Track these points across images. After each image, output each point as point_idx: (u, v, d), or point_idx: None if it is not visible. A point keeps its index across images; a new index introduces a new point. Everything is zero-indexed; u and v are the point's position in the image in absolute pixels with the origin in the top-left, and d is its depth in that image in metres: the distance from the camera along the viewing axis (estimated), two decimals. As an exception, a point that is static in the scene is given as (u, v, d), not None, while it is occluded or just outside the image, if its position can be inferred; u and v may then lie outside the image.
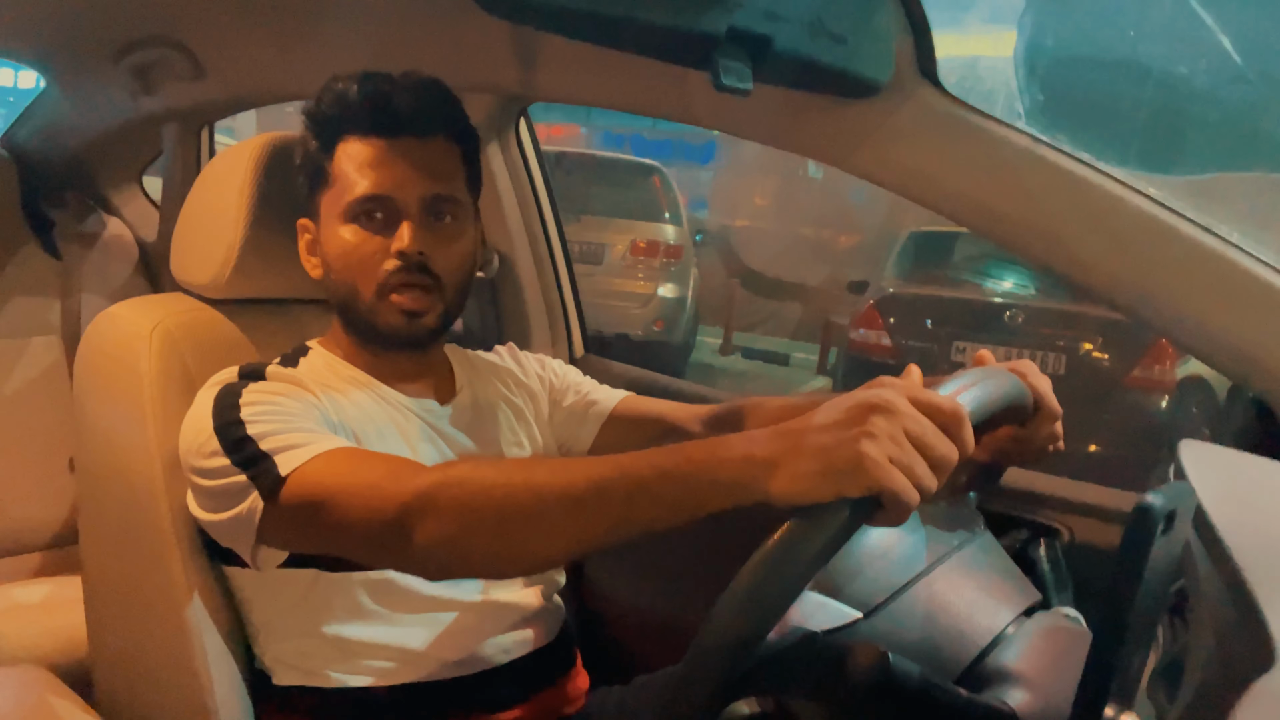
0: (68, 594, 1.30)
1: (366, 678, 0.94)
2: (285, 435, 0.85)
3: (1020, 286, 4.77)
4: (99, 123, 1.79)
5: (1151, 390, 4.27)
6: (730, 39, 0.76)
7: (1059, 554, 0.97)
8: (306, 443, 0.84)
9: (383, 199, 0.94)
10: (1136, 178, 0.93)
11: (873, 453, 0.55)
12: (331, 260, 0.97)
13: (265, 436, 0.85)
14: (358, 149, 0.94)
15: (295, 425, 0.86)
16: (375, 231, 0.94)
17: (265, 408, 0.88)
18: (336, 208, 0.95)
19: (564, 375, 1.20)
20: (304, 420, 0.88)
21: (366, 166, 0.94)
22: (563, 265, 1.65)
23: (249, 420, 0.86)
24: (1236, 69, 1.59)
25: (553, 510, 0.68)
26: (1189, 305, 0.91)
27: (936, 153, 0.98)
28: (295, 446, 0.84)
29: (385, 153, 0.94)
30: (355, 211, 0.94)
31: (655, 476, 0.63)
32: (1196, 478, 0.57)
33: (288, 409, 0.88)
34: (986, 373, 0.78)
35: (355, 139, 0.95)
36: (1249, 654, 0.44)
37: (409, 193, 0.94)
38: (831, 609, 0.70)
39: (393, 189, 0.93)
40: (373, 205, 0.94)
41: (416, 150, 0.95)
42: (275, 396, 0.89)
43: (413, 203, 0.94)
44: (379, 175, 0.93)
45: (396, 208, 0.94)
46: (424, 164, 0.95)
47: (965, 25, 2.07)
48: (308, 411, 0.90)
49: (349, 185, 0.94)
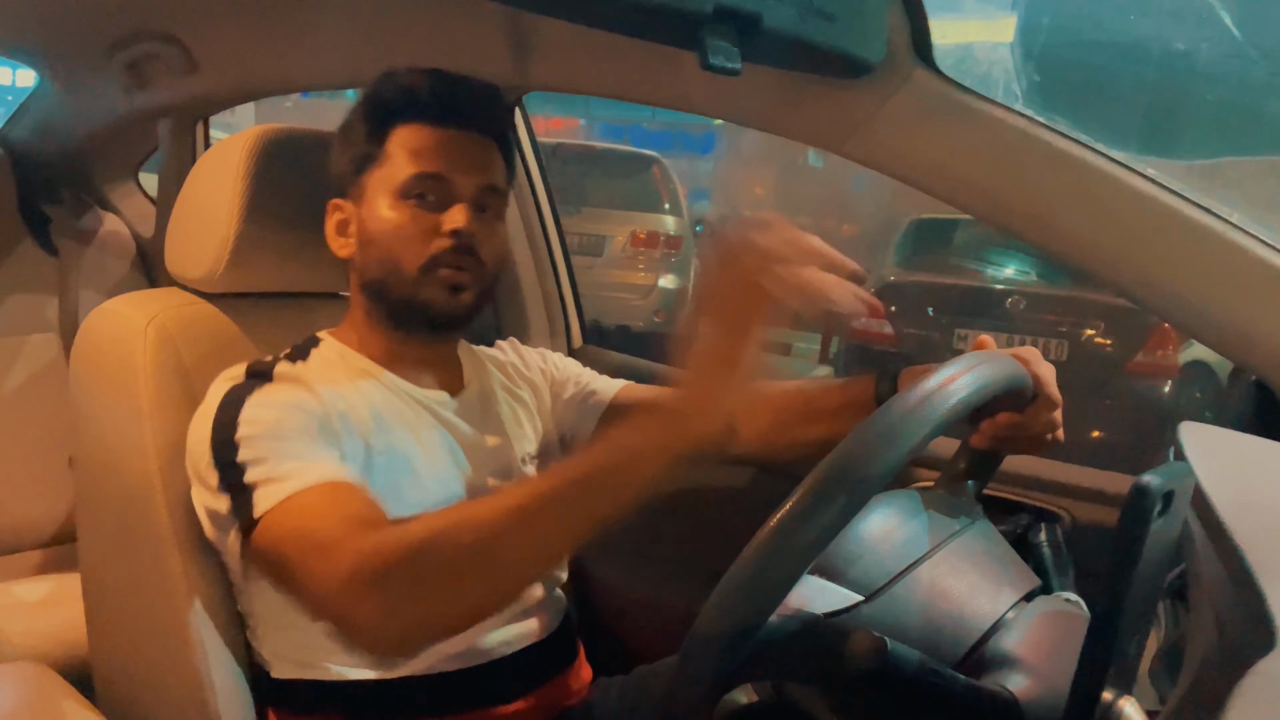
0: (67, 591, 1.30)
1: (366, 670, 0.94)
2: (274, 463, 0.84)
3: (1022, 273, 4.76)
4: (94, 118, 1.79)
5: (1154, 375, 4.26)
6: (717, 17, 0.75)
7: (1059, 538, 0.96)
8: (293, 474, 0.83)
9: (440, 178, 0.95)
10: (1141, 161, 0.92)
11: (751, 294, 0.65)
12: (375, 236, 0.97)
13: (254, 464, 0.84)
14: (416, 133, 0.97)
15: (287, 450, 0.85)
16: (427, 210, 0.95)
17: (262, 426, 0.86)
18: (389, 184, 0.96)
19: (564, 367, 1.20)
20: (300, 441, 0.86)
21: (425, 148, 0.96)
22: (560, 256, 1.65)
23: (243, 440, 0.85)
24: (1237, 45, 1.57)
25: (502, 537, 0.70)
26: (1190, 288, 0.90)
27: (934, 136, 0.97)
28: (279, 480, 0.82)
29: (444, 139, 0.97)
30: (410, 189, 0.95)
31: (592, 470, 0.69)
32: (1196, 458, 0.57)
33: (285, 427, 0.87)
34: (985, 356, 0.78)
35: (413, 124, 0.97)
36: (1249, 635, 0.44)
37: (465, 178, 0.96)
38: (832, 592, 0.70)
39: (450, 171, 0.96)
40: (429, 184, 0.95)
41: (472, 143, 0.98)
42: (276, 410, 0.88)
43: (468, 188, 0.96)
44: (439, 156, 0.96)
45: (451, 190, 0.96)
46: (478, 156, 0.99)
47: (962, 8, 2.07)
48: (306, 426, 0.88)
49: (404, 163, 0.96)
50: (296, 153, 1.08)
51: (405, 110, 0.97)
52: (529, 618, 1.04)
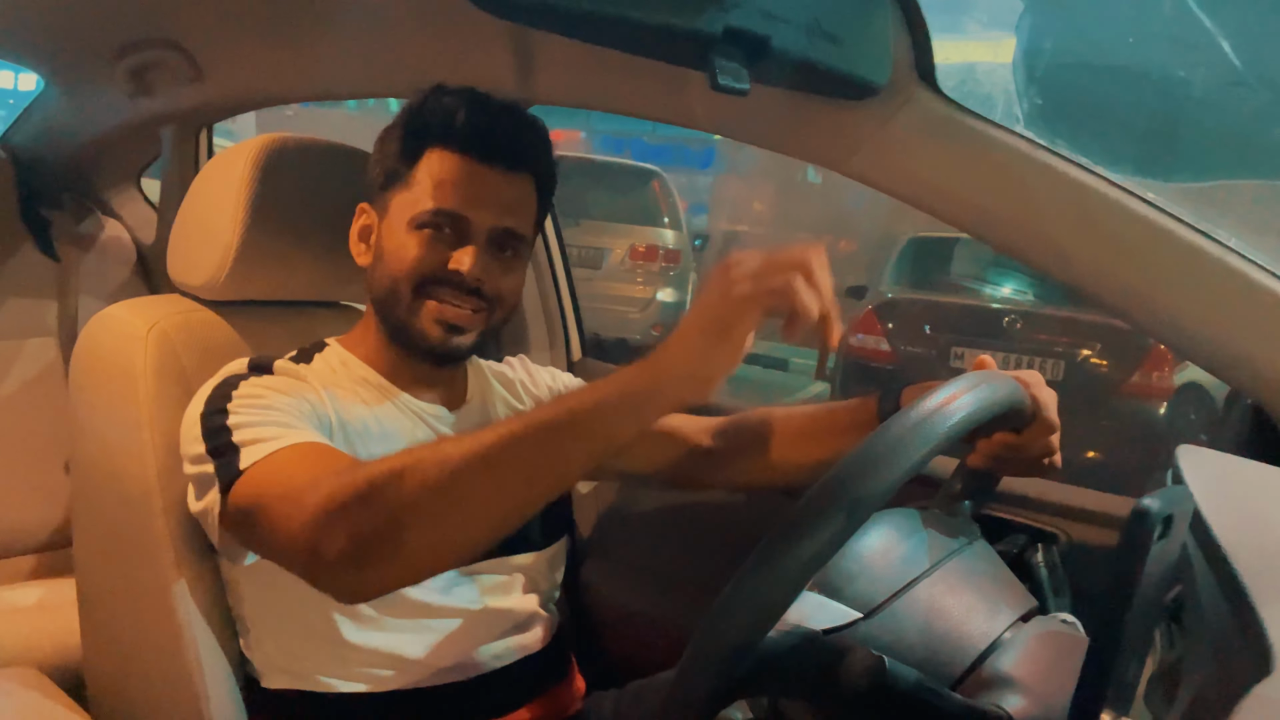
0: (62, 596, 1.29)
1: (358, 683, 0.94)
2: (260, 428, 0.84)
3: (1019, 292, 4.77)
4: (97, 124, 1.79)
5: (1150, 397, 4.27)
6: (727, 39, 0.76)
7: (1056, 559, 0.97)
8: (277, 436, 0.83)
9: (457, 216, 0.94)
10: (1139, 184, 0.93)
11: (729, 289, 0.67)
12: (386, 256, 0.97)
13: (241, 427, 0.85)
14: (446, 161, 0.95)
15: (274, 419, 0.86)
16: (440, 244, 0.94)
17: (253, 400, 0.88)
18: (409, 210, 0.95)
19: (572, 387, 1.19)
20: (288, 414, 0.87)
21: (449, 181, 0.94)
22: (560, 268, 1.65)
23: (233, 410, 0.86)
24: (1236, 73, 1.58)
25: (465, 477, 0.69)
26: (1186, 311, 0.91)
27: (935, 157, 0.98)
28: (264, 440, 0.83)
29: (471, 173, 0.94)
30: (425, 221, 0.94)
31: (562, 413, 0.69)
32: (1194, 482, 0.57)
33: (276, 403, 0.88)
34: (986, 376, 0.78)
35: (446, 151, 0.95)
36: (1247, 660, 0.44)
37: (483, 219, 0.95)
38: (831, 609, 0.70)
39: (469, 210, 0.94)
40: (445, 220, 0.94)
41: (500, 181, 0.96)
42: (269, 390, 0.89)
43: (484, 230, 0.95)
44: (460, 193, 0.94)
45: (467, 229, 0.94)
46: (504, 196, 0.96)
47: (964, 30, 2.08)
48: (298, 405, 0.89)
49: (427, 193, 0.94)
50: (301, 162, 1.09)
51: (440, 135, 0.95)
52: (521, 632, 1.04)
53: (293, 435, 0.84)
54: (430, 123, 0.96)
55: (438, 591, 0.96)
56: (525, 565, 1.04)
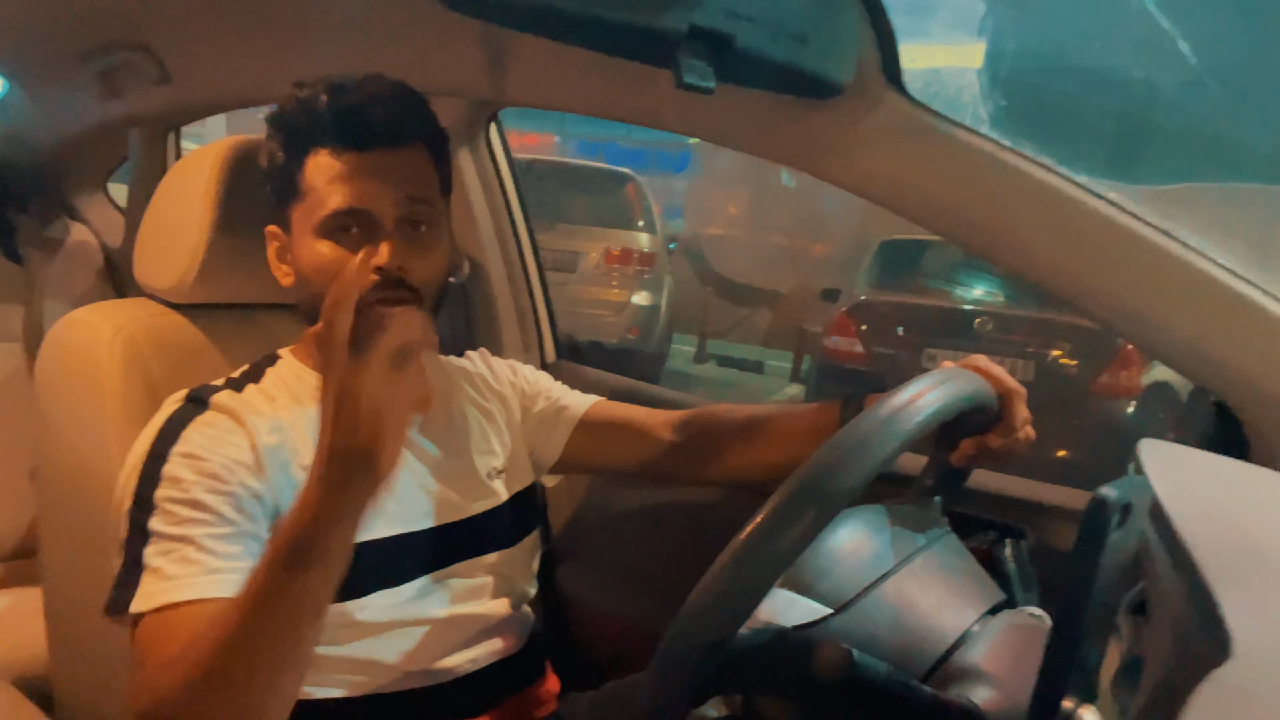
0: (28, 606, 1.27)
1: (332, 689, 0.93)
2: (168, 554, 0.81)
3: (989, 294, 4.83)
4: (63, 127, 1.77)
5: (1119, 395, 4.33)
6: (691, 37, 0.76)
7: (1024, 554, 0.98)
8: (177, 575, 0.80)
9: (359, 212, 0.91)
10: (1103, 185, 0.95)
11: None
12: (306, 273, 0.94)
13: (157, 539, 0.82)
14: (329, 163, 0.91)
15: (194, 532, 0.82)
16: (350, 246, 0.91)
17: (183, 486, 0.84)
18: (309, 222, 0.92)
19: (535, 381, 1.19)
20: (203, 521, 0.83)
21: (340, 180, 0.91)
22: (534, 271, 1.65)
23: (160, 503, 0.83)
24: (1196, 74, 1.62)
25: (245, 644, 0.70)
26: (1152, 310, 0.92)
27: (902, 158, 0.99)
28: (165, 579, 0.80)
29: (358, 166, 0.91)
30: (330, 226, 0.91)
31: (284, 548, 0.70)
32: (1154, 474, 0.58)
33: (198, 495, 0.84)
34: (952, 373, 0.79)
35: (326, 152, 0.92)
36: (1205, 647, 0.44)
37: (385, 206, 0.91)
38: (802, 605, 0.71)
39: (369, 202, 0.91)
40: (348, 220, 0.91)
41: (390, 161, 0.92)
42: (201, 461, 0.85)
43: (389, 216, 0.92)
44: (353, 189, 0.91)
45: (373, 221, 0.91)
46: (399, 175, 0.92)
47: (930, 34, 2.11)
48: (228, 478, 0.85)
49: (322, 200, 0.91)
50: None
51: (314, 136, 0.92)
52: (494, 636, 1.04)
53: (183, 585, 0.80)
54: (299, 126, 0.93)
55: (411, 597, 0.96)
56: (496, 563, 1.04)
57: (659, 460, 1.13)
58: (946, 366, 0.90)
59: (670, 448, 1.13)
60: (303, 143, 0.93)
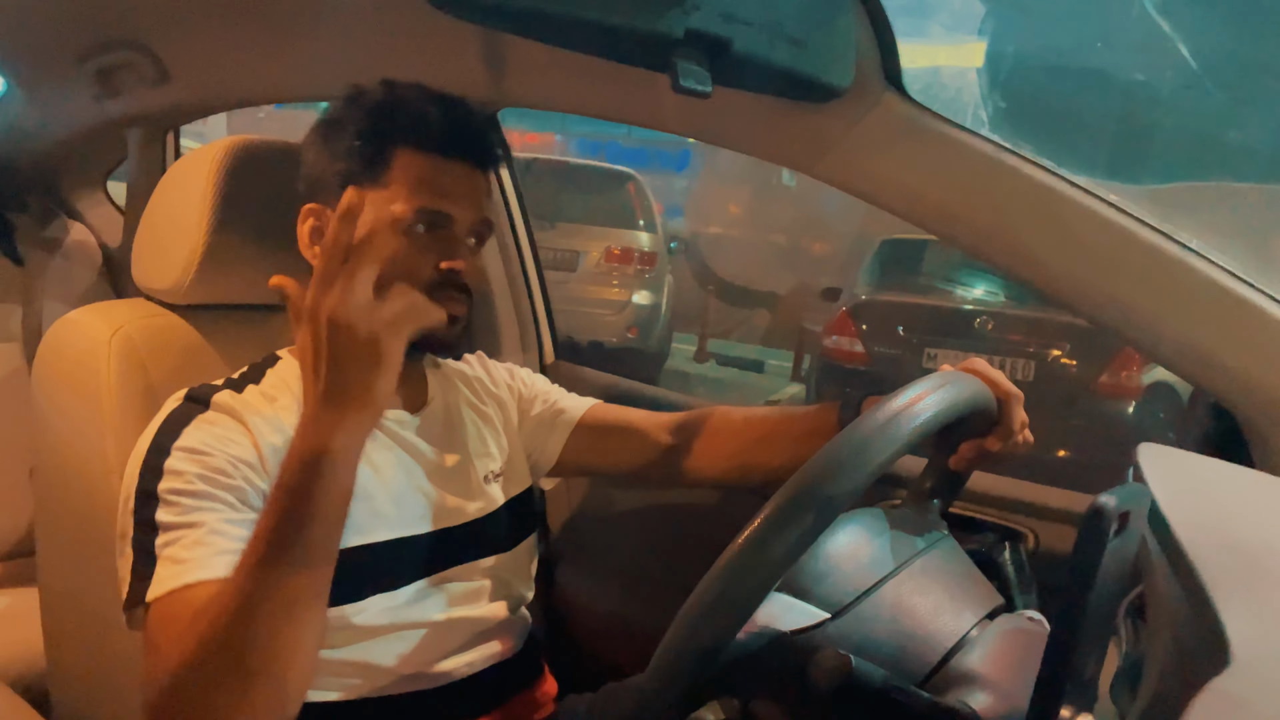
0: (25, 606, 1.27)
1: (329, 692, 0.93)
2: (180, 541, 0.81)
3: (990, 294, 4.83)
4: (62, 126, 1.77)
5: (1119, 396, 4.33)
6: (688, 41, 0.76)
7: (1023, 557, 0.98)
8: (184, 560, 0.80)
9: (440, 215, 0.95)
10: (1102, 186, 0.95)
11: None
12: None
13: (167, 529, 0.82)
14: (420, 162, 0.95)
15: (197, 519, 0.82)
16: (422, 242, 0.94)
17: (186, 479, 0.84)
18: (389, 213, 0.94)
19: (532, 384, 1.19)
20: (210, 509, 0.83)
21: (429, 181, 0.94)
22: (533, 271, 1.65)
23: (164, 496, 0.83)
24: (1194, 76, 1.62)
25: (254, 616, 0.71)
26: (1150, 311, 0.92)
27: (902, 159, 0.98)
28: (177, 562, 0.80)
29: (446, 172, 0.96)
30: (412, 220, 0.94)
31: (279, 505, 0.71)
32: (1154, 479, 0.58)
33: (201, 487, 0.84)
34: (950, 376, 0.79)
35: (418, 152, 0.95)
36: (1205, 654, 0.44)
37: (466, 214, 0.97)
38: (799, 610, 0.70)
39: (453, 208, 0.96)
40: (432, 219, 0.95)
41: (469, 174, 0.98)
42: (205, 456, 0.85)
43: (466, 225, 0.97)
44: (442, 192, 0.95)
45: (452, 226, 0.96)
46: (476, 189, 0.99)
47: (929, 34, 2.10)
48: (232, 473, 0.85)
49: (407, 194, 0.94)
50: (267, 165, 1.08)
51: (410, 135, 0.95)
52: (491, 639, 1.03)
53: (194, 566, 0.80)
54: (399, 122, 0.95)
55: (407, 601, 0.96)
56: (494, 567, 1.04)
57: (657, 463, 1.14)
58: (945, 370, 0.90)
59: (668, 450, 1.13)
60: (395, 136, 0.95)
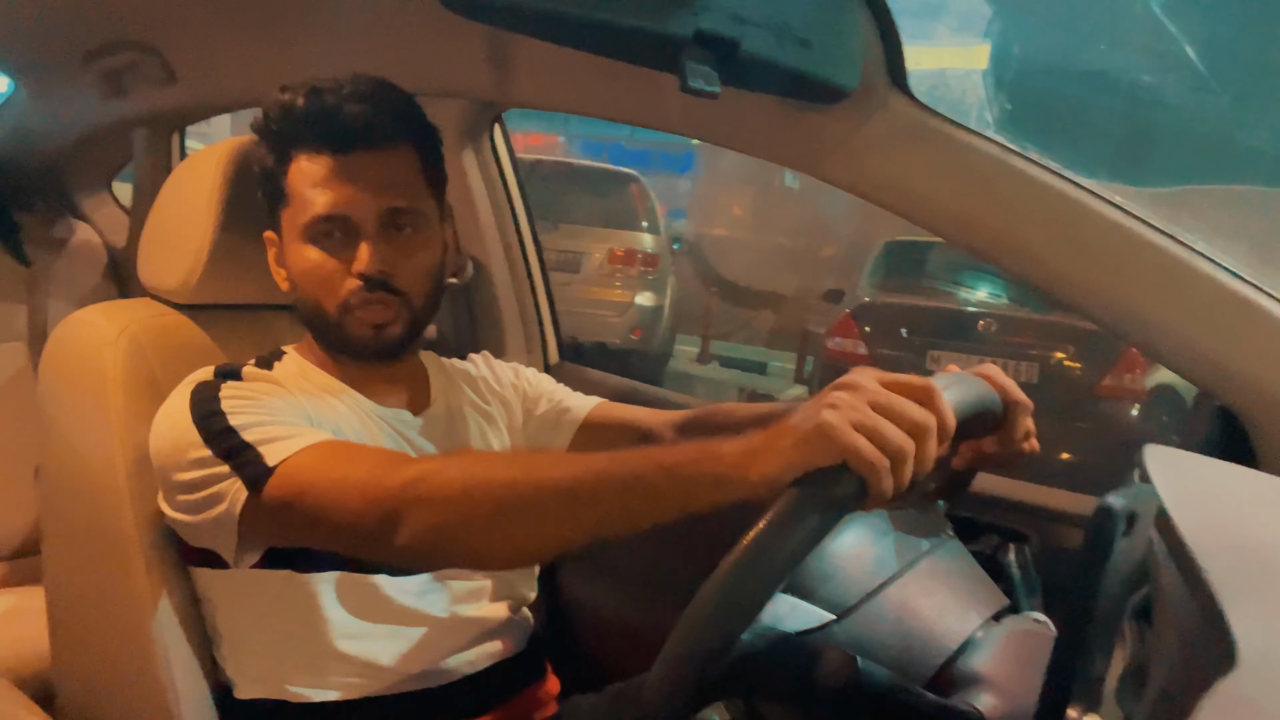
0: (31, 604, 1.27)
1: (330, 691, 0.93)
2: (269, 427, 0.84)
3: (993, 296, 4.82)
4: (68, 127, 1.77)
5: (1123, 399, 4.32)
6: (697, 41, 0.76)
7: (1028, 559, 0.98)
8: (292, 435, 0.83)
9: (338, 219, 0.91)
10: (1108, 188, 0.94)
11: (833, 419, 0.57)
12: (295, 277, 0.96)
13: (249, 428, 0.84)
14: (310, 166, 0.92)
15: (279, 419, 0.86)
16: (334, 251, 0.92)
17: (246, 402, 0.87)
18: (295, 227, 0.93)
19: (537, 384, 1.19)
20: (287, 415, 0.87)
21: (319, 185, 0.91)
22: (537, 272, 1.65)
23: (230, 412, 0.85)
24: (1201, 78, 1.62)
25: (548, 501, 0.70)
26: (1155, 313, 0.92)
27: (908, 161, 0.98)
28: (281, 439, 0.83)
29: (337, 170, 0.91)
30: (312, 232, 0.92)
31: (652, 469, 0.65)
32: (1160, 481, 0.58)
33: (269, 405, 0.88)
34: (956, 378, 0.79)
35: (306, 156, 0.92)
36: (1211, 656, 0.44)
37: (364, 210, 0.91)
38: (804, 611, 0.70)
39: (347, 208, 0.91)
40: (329, 225, 0.92)
41: (370, 164, 0.92)
42: (255, 394, 0.89)
43: (369, 220, 0.92)
44: (332, 194, 0.91)
45: (353, 226, 0.92)
46: (379, 178, 0.92)
47: (935, 36, 2.11)
48: (289, 408, 0.89)
49: (304, 205, 0.92)
50: None
51: (295, 140, 0.92)
52: (494, 638, 1.04)
53: (310, 434, 0.84)
54: (280, 129, 0.93)
55: (411, 598, 0.96)
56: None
57: None
58: (952, 370, 0.90)
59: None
60: (284, 147, 0.93)
